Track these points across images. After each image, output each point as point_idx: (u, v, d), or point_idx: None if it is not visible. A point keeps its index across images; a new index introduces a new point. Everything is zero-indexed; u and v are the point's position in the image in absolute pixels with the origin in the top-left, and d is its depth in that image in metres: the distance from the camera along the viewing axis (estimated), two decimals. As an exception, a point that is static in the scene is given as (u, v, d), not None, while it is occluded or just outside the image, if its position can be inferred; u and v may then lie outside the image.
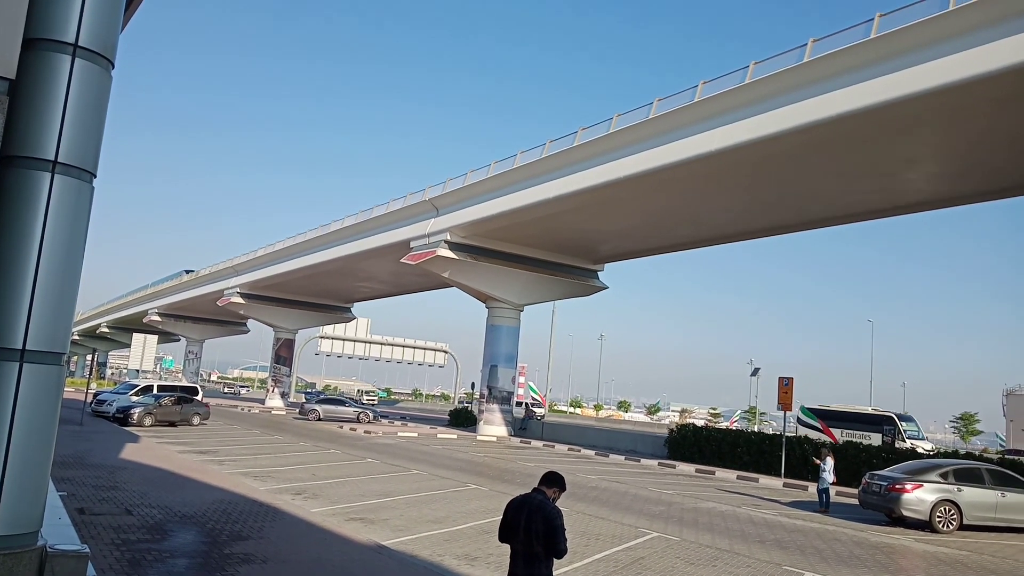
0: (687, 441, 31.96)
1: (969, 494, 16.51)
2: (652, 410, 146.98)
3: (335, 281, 56.13)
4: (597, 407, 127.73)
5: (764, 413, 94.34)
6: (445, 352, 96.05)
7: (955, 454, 26.24)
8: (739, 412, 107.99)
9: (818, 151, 23.57)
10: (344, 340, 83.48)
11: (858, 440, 31.69)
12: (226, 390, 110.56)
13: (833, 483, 19.50)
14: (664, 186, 28.21)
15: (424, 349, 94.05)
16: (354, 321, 75.23)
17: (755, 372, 75.35)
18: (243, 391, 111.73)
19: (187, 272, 72.32)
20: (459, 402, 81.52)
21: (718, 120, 24.39)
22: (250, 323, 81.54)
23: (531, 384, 68.28)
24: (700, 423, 64.08)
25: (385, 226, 42.43)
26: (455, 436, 38.54)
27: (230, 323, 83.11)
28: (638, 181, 27.67)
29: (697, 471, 28.06)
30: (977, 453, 35.87)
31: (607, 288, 43.29)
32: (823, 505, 18.95)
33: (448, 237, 37.26)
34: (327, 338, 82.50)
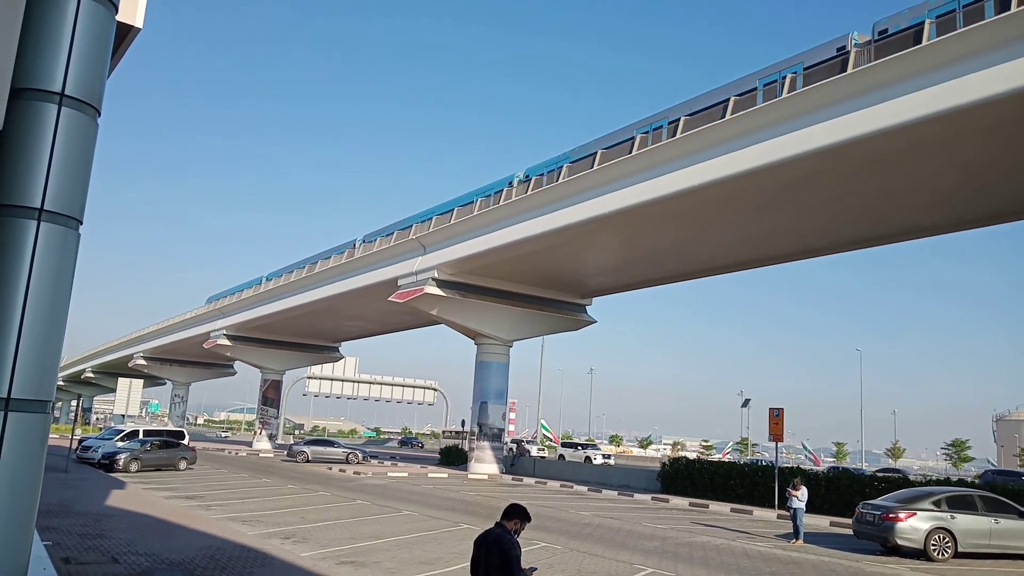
0: (680, 475, 31.78)
1: (963, 521, 16.47)
2: (644, 443, 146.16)
3: (322, 321, 55.95)
4: (589, 441, 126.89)
5: (756, 444, 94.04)
6: (435, 390, 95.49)
7: (947, 481, 26.22)
8: (731, 444, 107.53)
9: (806, 183, 23.85)
10: (332, 380, 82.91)
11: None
12: (223, 434, 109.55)
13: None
14: (651, 221, 28.42)
15: (413, 387, 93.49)
16: (342, 360, 74.79)
17: (746, 403, 75.35)
18: (226, 435, 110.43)
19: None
20: (442, 434, 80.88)
21: (700, 156, 24.64)
22: (237, 365, 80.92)
23: (543, 423, 68.25)
24: (692, 456, 63.79)
25: (371, 265, 42.47)
26: (446, 475, 38.17)
27: (216, 365, 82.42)
28: (624, 216, 27.87)
29: (691, 504, 27.87)
30: (969, 480, 35.79)
31: (596, 322, 43.43)
32: (796, 536, 18.49)
33: (436, 275, 37.30)
34: (315, 378, 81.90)
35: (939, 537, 16.19)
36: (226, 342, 61.57)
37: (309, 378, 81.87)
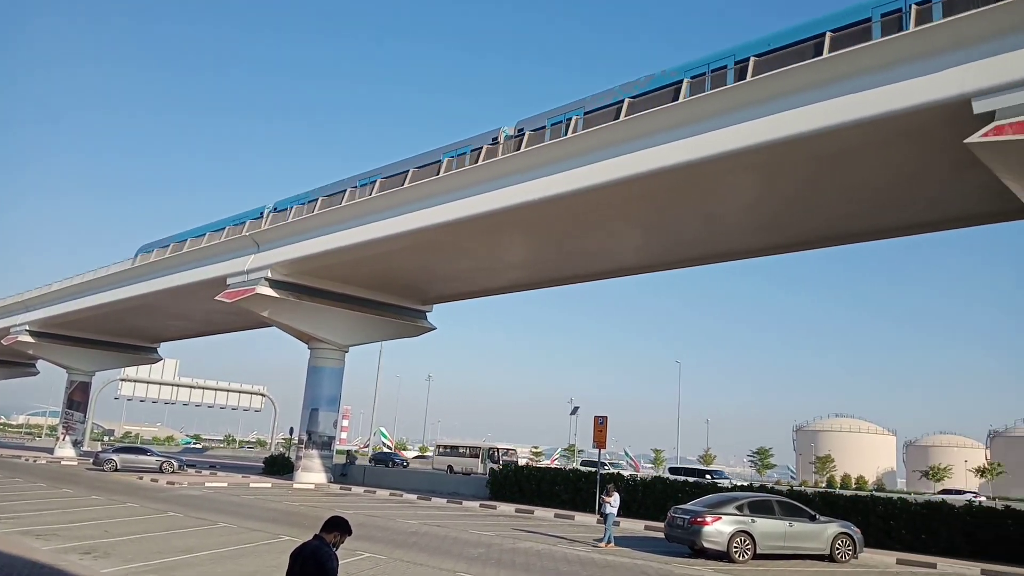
0: (508, 481, 32.36)
1: (762, 525, 17.88)
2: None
3: (141, 319, 52.16)
4: (423, 449, 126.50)
5: (582, 451, 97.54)
6: (262, 395, 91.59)
7: (751, 487, 28.38)
8: (559, 450, 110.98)
9: (640, 199, 25.10)
10: (149, 383, 77.47)
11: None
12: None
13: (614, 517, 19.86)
14: (492, 231, 28.84)
15: (239, 392, 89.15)
16: (161, 362, 70.13)
17: (574, 411, 78.02)
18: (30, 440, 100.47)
19: None
20: (275, 445, 78.01)
21: (540, 171, 25.29)
22: (40, 364, 73.81)
23: (383, 430, 67.02)
24: (523, 462, 65.15)
25: (199, 261, 40.16)
26: (269, 485, 36.69)
27: (16, 364, 74.85)
28: (465, 225, 28.07)
29: (517, 511, 28.44)
30: (770, 486, 38.94)
31: (435, 328, 43.29)
32: (603, 539, 19.33)
33: (269, 274, 35.84)
34: (129, 381, 76.19)
35: (740, 540, 17.48)
36: (28, 339, 55.98)
37: (123, 380, 76.05)
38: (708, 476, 36.51)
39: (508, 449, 56.04)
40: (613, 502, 19.43)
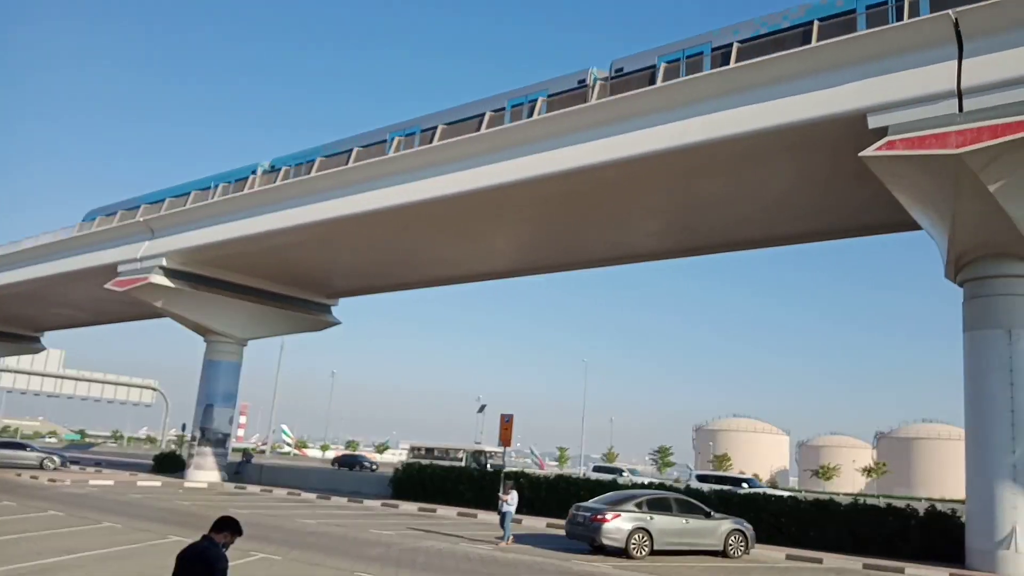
0: (412, 480, 31.96)
1: (659, 522, 18.22)
2: (381, 449, 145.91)
3: (22, 306, 48.91)
4: (324, 447, 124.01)
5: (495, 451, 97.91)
6: (154, 389, 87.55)
7: (651, 485, 28.99)
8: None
9: (549, 202, 25.25)
10: (31, 374, 72.65)
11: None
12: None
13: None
14: (406, 224, 28.40)
15: (129, 386, 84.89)
16: (44, 352, 66.06)
17: (481, 409, 78.16)
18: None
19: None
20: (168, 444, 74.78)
21: (454, 165, 25.08)
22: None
23: (285, 427, 64.26)
24: (428, 461, 64.49)
25: (88, 247, 37.97)
26: (159, 483, 35.05)
27: None
28: (379, 217, 27.55)
29: (420, 510, 28.12)
30: (669, 484, 40.00)
31: (340, 323, 42.41)
32: (503, 537, 19.19)
33: (164, 263, 34.22)
34: (8, 371, 71.25)
35: (639, 536, 17.76)
36: None
37: (2, 371, 71.24)
38: (744, 485, 33.84)
39: (495, 451, 47.96)
40: (511, 500, 19.30)
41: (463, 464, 44.28)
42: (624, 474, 45.22)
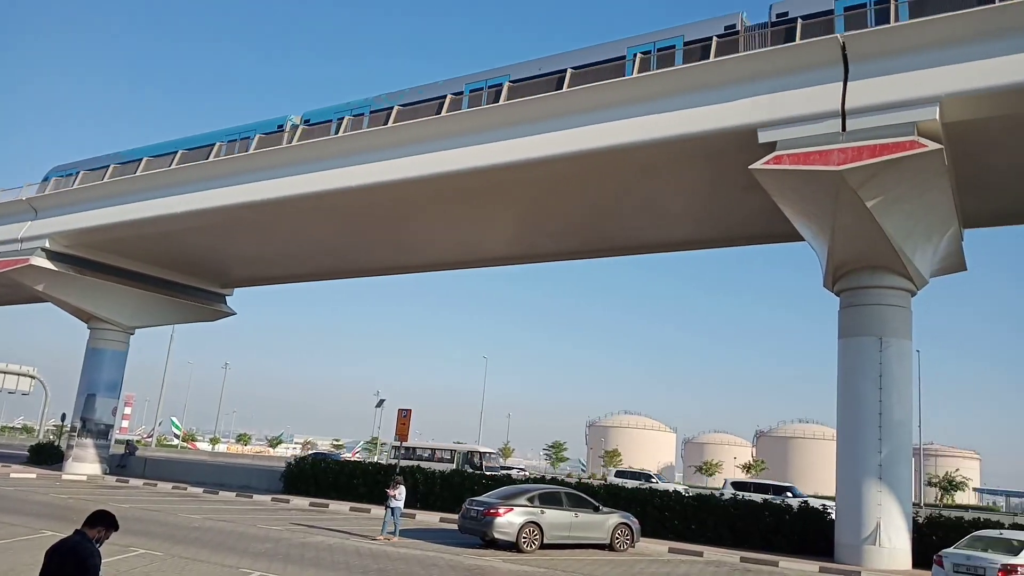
0: (304, 474, 31.37)
1: (550, 516, 18.61)
2: (274, 443, 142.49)
3: None
4: (214, 440, 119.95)
5: (385, 444, 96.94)
6: (32, 377, 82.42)
7: (543, 479, 29.49)
8: (362, 443, 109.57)
9: (450, 199, 25.34)
10: None
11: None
12: None
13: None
14: (307, 214, 27.87)
15: (5, 373, 79.61)
16: (-93, 336, 61.30)
17: (380, 403, 77.31)
18: None
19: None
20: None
21: (361, 157, 24.86)
22: None
23: (174, 419, 61.60)
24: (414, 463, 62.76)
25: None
26: (34, 475, 33.17)
27: None
28: (278, 206, 26.91)
29: (311, 505, 27.68)
30: (561, 478, 40.69)
31: (235, 313, 41.13)
32: (394, 532, 19.00)
33: (47, 244, 32.36)
34: None
35: (530, 530, 18.09)
36: None
37: None
38: (789, 493, 32.22)
39: (490, 452, 44.41)
40: (399, 495, 19.12)
41: (454, 466, 38.45)
42: (653, 479, 40.59)
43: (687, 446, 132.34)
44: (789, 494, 32.22)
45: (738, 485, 34.92)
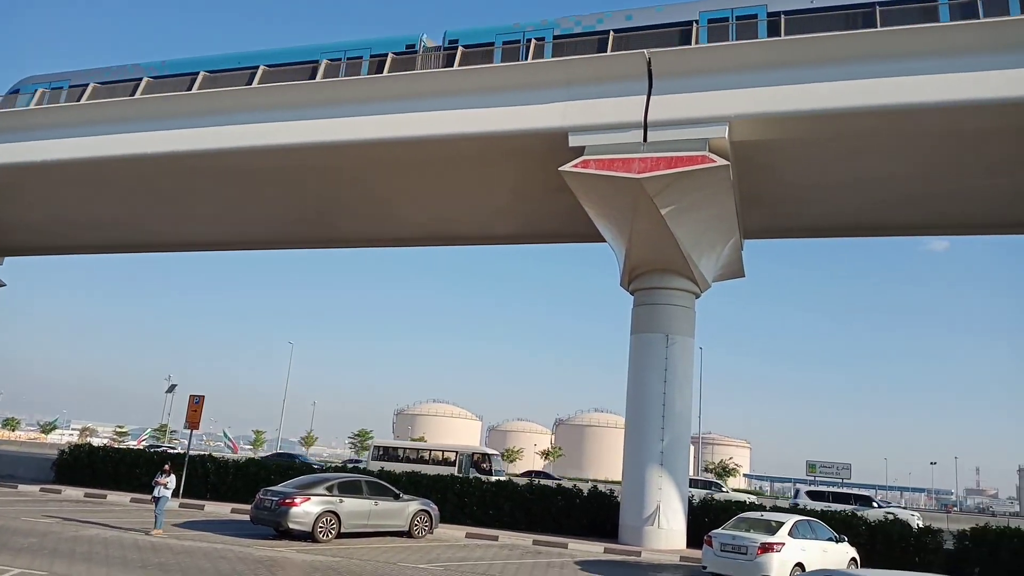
0: (80, 463, 28.78)
1: (349, 504, 18.41)
2: (47, 429, 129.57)
3: None
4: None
5: (175, 431, 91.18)
6: None
7: (344, 468, 29.06)
8: (149, 431, 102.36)
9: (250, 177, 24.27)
10: None
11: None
12: None
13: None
14: (94, 181, 25.60)
15: None
16: None
17: (171, 389, 72.73)
18: None
19: None
20: None
21: (166, 122, 23.27)
22: None
23: None
24: (104, 442, 58.58)
25: None
26: None
27: None
28: (60, 170, 24.49)
29: (86, 496, 25.50)
30: (362, 467, 40.28)
31: (4, 285, 36.77)
32: (157, 524, 17.82)
33: None
34: None
35: (327, 519, 17.79)
36: None
37: None
38: (875, 505, 29.13)
39: (492, 453, 40.95)
40: (168, 484, 17.99)
41: (457, 471, 35.00)
42: (724, 489, 36.15)
43: (492, 433, 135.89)
44: (876, 505, 29.84)
45: (814, 495, 30.65)
